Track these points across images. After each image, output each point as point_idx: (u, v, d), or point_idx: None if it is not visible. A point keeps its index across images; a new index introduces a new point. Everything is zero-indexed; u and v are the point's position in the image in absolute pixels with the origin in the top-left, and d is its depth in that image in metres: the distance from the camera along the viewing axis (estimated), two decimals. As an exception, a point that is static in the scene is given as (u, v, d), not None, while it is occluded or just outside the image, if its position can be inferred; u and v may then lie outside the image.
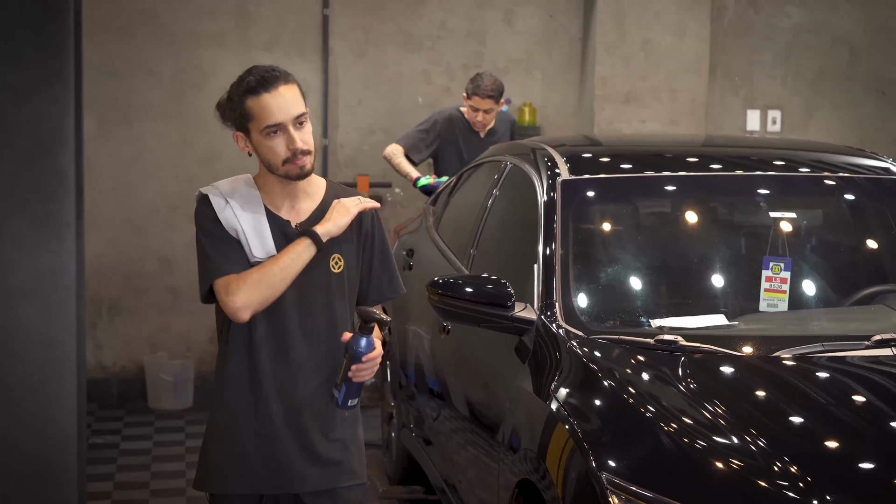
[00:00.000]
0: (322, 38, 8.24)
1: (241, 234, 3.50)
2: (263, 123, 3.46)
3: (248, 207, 3.54)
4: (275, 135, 3.47)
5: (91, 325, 8.05)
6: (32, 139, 4.51)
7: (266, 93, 3.46)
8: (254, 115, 3.48)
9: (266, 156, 3.51)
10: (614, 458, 3.50)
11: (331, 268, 3.59)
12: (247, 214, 3.53)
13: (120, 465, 6.82)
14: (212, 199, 3.55)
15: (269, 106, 3.46)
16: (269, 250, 3.51)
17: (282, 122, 3.45)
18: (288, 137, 3.46)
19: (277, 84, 3.48)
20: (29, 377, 4.54)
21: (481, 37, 8.48)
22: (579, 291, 4.37)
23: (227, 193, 3.56)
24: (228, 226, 3.51)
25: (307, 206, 3.61)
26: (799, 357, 3.97)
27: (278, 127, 3.46)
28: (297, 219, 3.59)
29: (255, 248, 3.50)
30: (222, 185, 3.61)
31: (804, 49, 8.90)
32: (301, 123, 3.49)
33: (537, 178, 4.86)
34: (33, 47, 4.48)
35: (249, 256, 3.51)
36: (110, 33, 7.93)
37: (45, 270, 4.55)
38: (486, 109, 7.38)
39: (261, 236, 3.51)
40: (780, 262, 4.41)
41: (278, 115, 3.45)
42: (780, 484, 3.28)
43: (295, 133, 3.46)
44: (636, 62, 8.31)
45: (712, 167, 5.07)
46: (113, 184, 8.02)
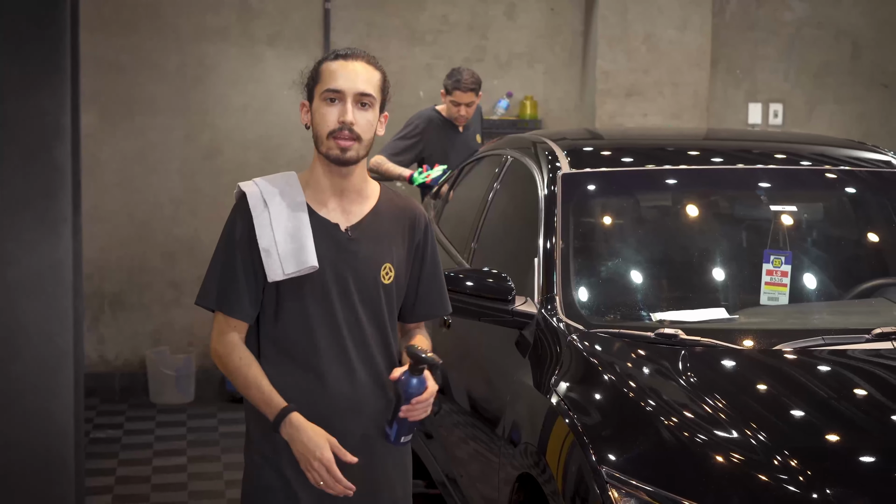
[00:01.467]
0: (324, 32, 8.24)
1: (272, 246, 3.24)
2: (325, 86, 3.26)
3: (288, 211, 3.28)
4: (332, 102, 3.26)
5: (93, 320, 8.07)
6: (30, 134, 4.50)
7: (342, 59, 3.28)
8: (321, 76, 3.29)
9: (317, 125, 3.29)
10: (614, 452, 3.50)
11: (381, 278, 3.36)
12: (285, 221, 3.26)
13: (121, 459, 6.83)
14: (249, 199, 3.30)
15: (338, 71, 3.26)
16: (306, 261, 3.23)
17: (343, 89, 3.24)
18: (342, 108, 3.24)
19: (358, 58, 3.29)
20: (27, 372, 4.54)
21: (483, 31, 8.48)
22: (580, 285, 4.37)
23: (266, 193, 3.30)
24: (261, 234, 3.24)
25: (359, 209, 3.36)
26: (800, 350, 3.96)
27: (337, 94, 3.25)
28: (348, 222, 3.34)
29: (288, 262, 3.23)
30: (263, 183, 3.34)
31: (807, 43, 8.89)
32: (364, 105, 3.26)
33: (538, 171, 4.85)
34: (30, 42, 4.47)
35: (277, 273, 3.24)
36: (113, 28, 7.94)
37: (43, 266, 4.54)
38: (467, 103, 7.38)
39: (298, 245, 3.24)
40: (781, 256, 4.40)
41: (342, 82, 3.25)
42: (781, 478, 3.28)
43: (352, 107, 3.24)
44: (638, 56, 8.31)
45: (713, 160, 5.06)
46: (116, 178, 8.03)
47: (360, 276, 3.31)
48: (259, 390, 3.25)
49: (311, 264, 3.24)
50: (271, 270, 3.24)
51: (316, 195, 3.33)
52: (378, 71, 3.31)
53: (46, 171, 4.51)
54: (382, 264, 3.35)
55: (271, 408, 3.24)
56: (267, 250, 3.24)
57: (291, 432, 3.22)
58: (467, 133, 7.58)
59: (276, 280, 3.25)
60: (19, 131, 4.48)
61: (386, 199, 3.41)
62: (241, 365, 3.27)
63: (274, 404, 3.24)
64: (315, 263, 3.24)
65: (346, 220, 3.33)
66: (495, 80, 8.50)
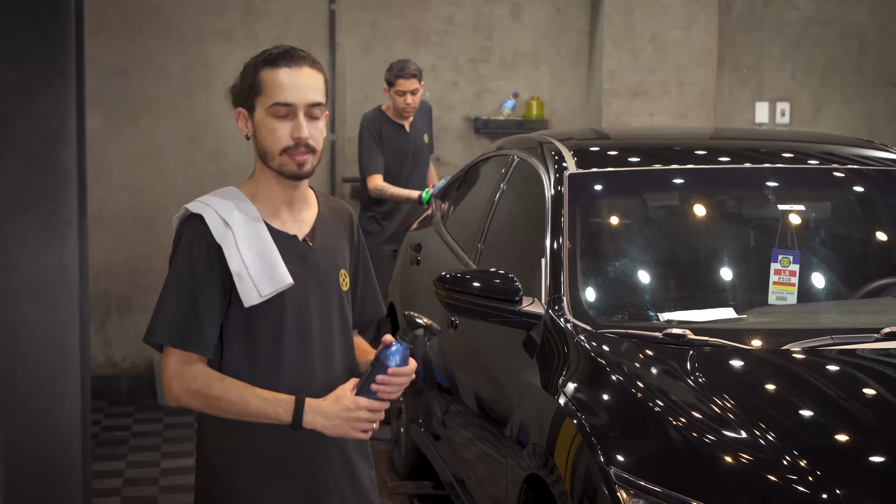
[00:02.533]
0: (329, 33, 8.24)
1: (243, 269, 3.00)
2: (272, 99, 2.99)
3: (249, 231, 3.03)
4: (282, 117, 3.00)
5: (100, 322, 8.07)
6: (35, 137, 4.49)
7: (286, 67, 3.00)
8: (264, 87, 3.00)
9: (264, 140, 3.03)
10: (623, 452, 3.49)
11: (341, 285, 3.19)
12: (250, 242, 3.02)
13: (129, 461, 6.83)
14: (209, 222, 3.02)
15: (284, 82, 2.99)
16: (282, 279, 3.01)
17: (294, 103, 2.99)
18: (295, 124, 2.99)
19: (302, 64, 3.02)
20: (33, 376, 4.53)
21: (489, 31, 8.47)
22: (587, 285, 4.36)
23: (224, 214, 3.04)
24: (231, 258, 3.00)
25: (308, 217, 3.16)
26: (808, 350, 3.95)
27: (288, 108, 2.99)
28: (302, 231, 3.13)
29: (263, 284, 3.00)
30: (215, 202, 3.07)
31: (813, 41, 8.87)
32: (315, 118, 3.02)
33: (545, 171, 4.84)
34: (35, 45, 4.47)
35: (253, 297, 3.00)
36: (118, 31, 7.94)
37: (49, 269, 4.53)
38: (412, 91, 7.30)
39: (269, 264, 3.01)
40: (789, 255, 4.39)
41: (291, 95, 2.98)
42: (790, 478, 3.27)
43: (304, 122, 2.99)
44: (644, 56, 8.30)
45: (720, 160, 5.05)
46: (122, 181, 8.03)
47: (324, 285, 3.11)
48: (261, 398, 2.99)
49: (287, 282, 3.03)
50: (246, 295, 3.00)
51: (267, 208, 3.09)
52: (322, 72, 3.07)
53: (52, 175, 4.50)
54: (339, 270, 3.18)
55: (284, 406, 2.99)
56: (239, 274, 2.99)
57: (315, 417, 2.99)
58: (414, 132, 7.50)
59: (253, 304, 3.01)
60: (24, 135, 4.47)
61: (323, 203, 3.23)
62: (228, 386, 3.00)
63: (284, 401, 2.99)
64: (290, 280, 3.03)
65: (301, 229, 3.13)
66: (501, 80, 8.49)
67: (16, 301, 4.48)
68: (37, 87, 4.48)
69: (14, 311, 4.48)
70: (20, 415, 4.50)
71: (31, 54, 4.45)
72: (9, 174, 4.43)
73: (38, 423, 4.55)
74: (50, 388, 4.55)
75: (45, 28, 4.48)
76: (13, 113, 4.45)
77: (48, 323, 4.54)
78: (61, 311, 4.55)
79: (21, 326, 4.50)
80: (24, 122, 4.47)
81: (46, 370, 4.54)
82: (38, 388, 4.54)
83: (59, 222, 4.53)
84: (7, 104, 4.44)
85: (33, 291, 4.52)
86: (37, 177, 4.49)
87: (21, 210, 4.48)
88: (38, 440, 4.56)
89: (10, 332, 4.46)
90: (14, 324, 4.48)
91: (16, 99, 4.46)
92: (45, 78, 4.49)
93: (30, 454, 4.55)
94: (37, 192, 4.50)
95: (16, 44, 4.44)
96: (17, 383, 4.48)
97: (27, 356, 4.52)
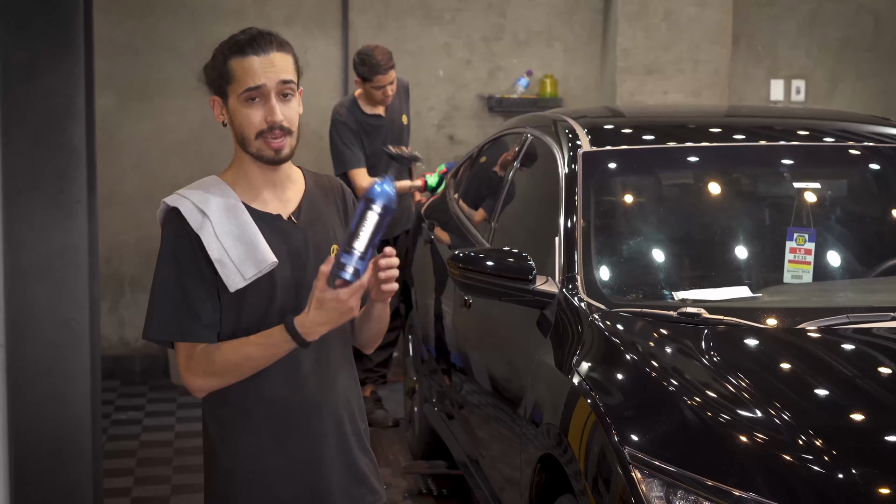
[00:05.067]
0: (342, 11, 8.21)
1: (224, 255, 3.00)
2: (243, 86, 3.00)
3: (228, 217, 3.03)
4: (253, 102, 3.01)
5: (113, 302, 8.07)
6: (44, 115, 4.47)
7: (254, 55, 3.00)
8: (235, 76, 3.01)
9: (240, 126, 3.05)
10: (637, 432, 3.47)
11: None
12: (229, 227, 3.02)
13: (143, 441, 6.84)
14: (185, 214, 3.03)
15: (254, 67, 2.99)
16: (264, 259, 3.01)
17: (262, 84, 2.99)
18: (268, 107, 3.00)
19: (269, 49, 3.02)
20: (42, 356, 4.52)
21: (502, 9, 8.43)
22: (601, 264, 4.33)
23: (201, 203, 3.04)
24: (210, 246, 3.00)
25: (294, 195, 3.15)
26: (824, 329, 3.92)
27: (259, 91, 3.00)
28: (288, 210, 3.12)
29: (246, 267, 3.00)
30: (192, 193, 3.08)
31: (828, 18, 8.81)
32: (286, 96, 3.03)
33: (558, 150, 4.82)
34: (43, 22, 4.44)
35: (237, 281, 3.01)
36: (129, 10, 7.92)
37: (57, 248, 4.51)
38: (390, 82, 6.98)
39: (252, 248, 3.01)
40: (805, 233, 4.36)
41: (260, 77, 2.99)
42: (805, 457, 3.24)
43: (277, 104, 3.00)
44: (658, 33, 8.25)
45: (735, 138, 5.02)
46: (133, 161, 8.02)
47: (316, 262, 3.01)
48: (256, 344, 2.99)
49: (270, 261, 3.02)
50: (230, 280, 3.01)
51: (248, 192, 3.10)
52: (291, 53, 3.07)
53: (60, 153, 4.48)
54: (331, 246, 3.12)
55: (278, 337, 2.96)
56: (220, 261, 3.00)
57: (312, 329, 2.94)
58: (391, 115, 7.15)
59: (238, 288, 3.01)
60: (32, 113, 4.45)
61: (311, 180, 3.21)
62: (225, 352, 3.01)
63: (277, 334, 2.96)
64: (273, 259, 3.02)
65: (285, 208, 3.12)
66: (514, 58, 8.46)
67: (24, 281, 4.46)
68: (45, 65, 4.46)
69: (22, 291, 4.46)
70: (29, 395, 4.49)
71: (39, 31, 4.43)
72: (17, 152, 4.41)
73: (48, 403, 4.54)
74: (59, 368, 4.54)
75: (53, 5, 4.46)
76: (21, 91, 4.43)
77: (57, 303, 4.52)
78: (70, 291, 4.53)
79: (29, 306, 4.49)
80: (32, 99, 4.45)
81: (55, 350, 4.53)
82: (47, 369, 4.52)
83: (67, 201, 4.51)
84: (15, 82, 4.41)
85: (42, 271, 4.50)
86: (45, 155, 4.47)
87: (29, 189, 4.46)
88: (48, 421, 4.55)
89: (19, 313, 4.44)
90: (22, 304, 4.46)
91: (24, 76, 4.44)
92: (53, 55, 4.46)
93: (39, 435, 4.54)
94: (45, 171, 4.48)
95: (24, 21, 4.42)
96: (25, 364, 4.47)
97: (36, 336, 4.50)
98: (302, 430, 3.11)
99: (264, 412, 3.09)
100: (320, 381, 3.12)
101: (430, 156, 8.39)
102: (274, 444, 3.10)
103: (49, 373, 4.53)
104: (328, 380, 3.14)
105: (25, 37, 4.42)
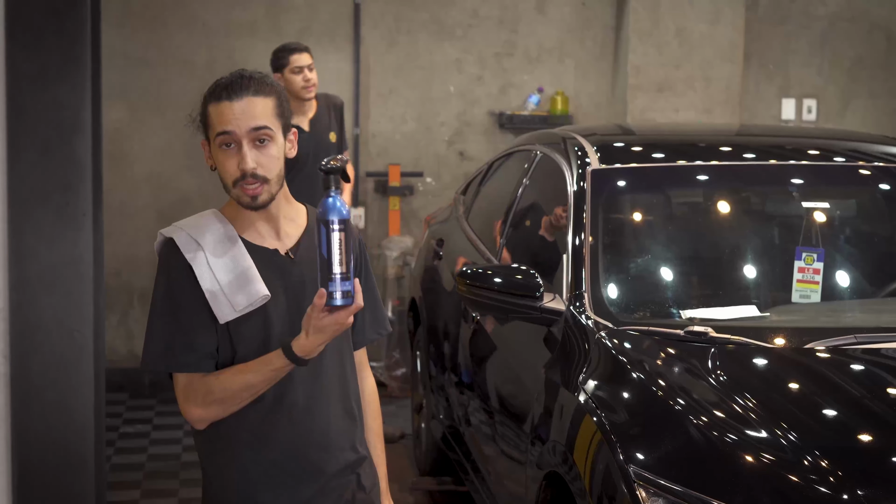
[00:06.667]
0: (354, 26, 8.23)
1: (216, 286, 2.97)
2: (215, 131, 2.98)
3: (223, 249, 3.01)
4: (227, 148, 2.97)
5: (122, 315, 8.08)
6: (51, 128, 4.48)
7: (227, 100, 2.97)
8: (211, 121, 2.99)
9: (220, 172, 3.02)
10: (642, 451, 3.46)
11: None
12: (223, 259, 3.00)
13: (150, 454, 6.83)
14: (179, 244, 3.01)
15: (224, 113, 2.95)
16: (257, 292, 2.97)
17: (232, 131, 2.95)
18: (241, 156, 2.95)
19: (244, 93, 2.97)
20: (47, 367, 4.52)
21: (514, 25, 8.44)
22: (609, 282, 4.33)
23: (195, 234, 3.02)
24: (202, 276, 2.98)
25: (293, 232, 3.11)
26: (832, 349, 3.91)
27: (230, 137, 2.96)
28: (285, 246, 3.08)
29: (237, 298, 2.97)
30: (187, 224, 3.07)
31: (840, 37, 8.81)
32: (262, 141, 2.96)
33: (567, 167, 4.82)
34: (51, 35, 4.45)
35: (228, 313, 2.97)
36: (142, 22, 7.95)
37: (63, 260, 4.51)
38: (308, 66, 6.76)
39: (244, 281, 2.98)
40: (813, 253, 4.35)
41: (230, 123, 2.94)
42: (812, 478, 3.23)
43: (249, 151, 2.95)
44: (670, 50, 8.26)
45: (745, 157, 5.01)
46: (145, 173, 8.04)
47: (310, 301, 2.92)
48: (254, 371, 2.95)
49: (262, 294, 2.98)
50: (221, 312, 2.98)
51: (246, 227, 3.06)
52: (270, 96, 3.00)
53: (67, 165, 4.49)
54: None
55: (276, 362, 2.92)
56: (212, 292, 2.97)
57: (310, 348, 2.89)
58: (316, 129, 6.87)
59: (228, 320, 2.98)
60: (40, 125, 4.46)
61: (314, 217, 3.04)
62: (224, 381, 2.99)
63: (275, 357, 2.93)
64: (266, 292, 2.98)
65: (283, 244, 3.07)
66: (526, 74, 8.46)
67: (30, 292, 4.47)
68: (52, 77, 4.47)
69: (28, 302, 4.47)
70: (33, 406, 4.50)
71: (48, 44, 4.44)
72: (24, 164, 4.42)
73: (51, 414, 4.54)
74: (63, 379, 4.54)
75: (61, 17, 4.47)
76: (29, 103, 4.44)
77: (62, 314, 4.53)
78: (75, 303, 4.54)
79: (35, 317, 4.49)
80: (39, 111, 4.46)
81: (60, 361, 4.54)
82: (52, 380, 4.53)
83: (73, 213, 4.52)
84: (23, 94, 4.42)
85: (47, 283, 4.51)
86: (52, 167, 4.48)
87: (36, 200, 4.47)
88: (52, 431, 4.55)
89: (24, 324, 4.45)
90: (27, 315, 4.47)
91: (31, 89, 4.45)
92: (60, 68, 4.47)
93: (43, 446, 4.54)
94: (52, 183, 4.49)
95: (32, 33, 4.43)
96: (30, 375, 4.47)
97: (41, 347, 4.51)
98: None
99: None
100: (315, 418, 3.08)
101: (441, 171, 8.40)
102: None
103: (53, 384, 4.53)
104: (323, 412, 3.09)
105: (33, 50, 4.43)
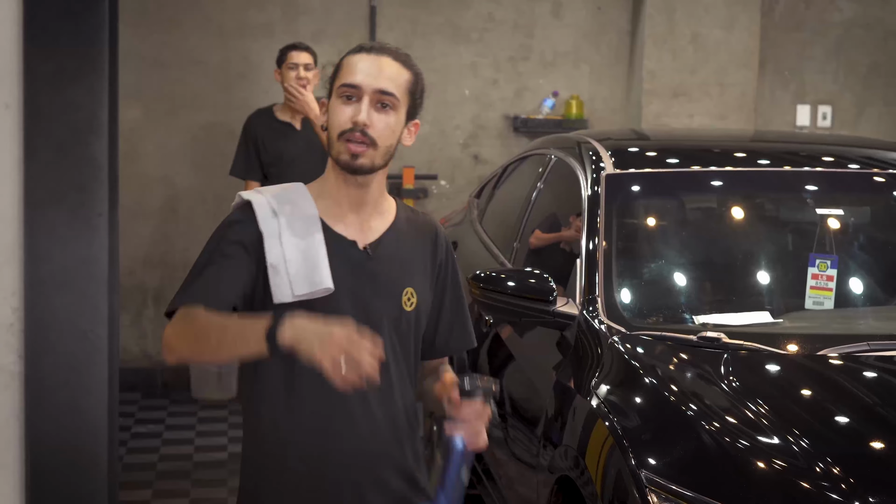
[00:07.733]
0: (369, 29, 8.22)
1: (281, 263, 2.78)
2: (342, 80, 2.84)
3: (299, 224, 2.82)
4: (348, 100, 2.82)
5: (136, 315, 8.09)
6: (67, 128, 4.48)
7: (365, 53, 2.87)
8: (341, 70, 2.87)
9: (329, 123, 2.85)
10: (654, 456, 3.46)
11: (402, 304, 2.90)
12: (296, 235, 2.81)
13: (163, 454, 6.84)
14: (255, 207, 2.83)
15: (357, 64, 2.84)
16: (320, 282, 2.78)
17: (360, 84, 2.81)
18: (357, 107, 2.81)
19: (384, 53, 2.87)
20: (60, 367, 4.53)
21: (529, 29, 8.44)
22: (622, 287, 4.33)
23: (276, 202, 2.84)
24: (269, 247, 2.79)
25: (378, 225, 2.92)
26: (845, 356, 3.91)
27: (354, 90, 2.82)
28: (366, 239, 2.89)
29: (299, 284, 2.77)
30: (270, 192, 2.89)
31: (856, 44, 8.79)
32: (385, 106, 2.83)
33: (582, 171, 4.82)
34: (68, 35, 4.46)
35: (286, 294, 2.77)
36: (157, 23, 7.96)
37: (78, 260, 4.52)
38: (304, 64, 6.73)
39: (311, 264, 2.78)
40: (827, 260, 4.35)
41: (360, 77, 2.82)
42: (823, 485, 3.23)
43: (369, 107, 2.82)
44: (685, 56, 8.25)
45: (759, 163, 5.01)
46: (160, 174, 8.05)
47: (381, 300, 2.83)
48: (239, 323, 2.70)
49: (325, 286, 2.78)
50: (279, 291, 2.78)
51: (329, 208, 2.88)
52: (408, 70, 2.90)
53: (82, 166, 4.49)
54: (404, 288, 2.90)
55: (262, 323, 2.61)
56: (275, 267, 2.78)
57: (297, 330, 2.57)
58: (308, 130, 6.71)
59: (284, 302, 2.77)
60: (56, 126, 4.47)
61: (404, 216, 2.98)
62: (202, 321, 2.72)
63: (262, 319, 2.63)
64: (330, 285, 2.79)
65: (364, 237, 2.88)
66: (541, 79, 8.46)
67: (44, 292, 4.48)
68: (69, 78, 4.47)
69: (42, 303, 4.48)
70: (46, 406, 4.50)
71: (64, 44, 4.45)
72: (40, 165, 4.43)
73: (65, 414, 4.55)
74: (77, 379, 4.55)
75: (78, 18, 4.48)
76: (45, 103, 4.45)
77: (76, 315, 4.53)
78: (90, 303, 4.55)
79: (49, 318, 4.50)
80: (55, 112, 4.47)
81: (73, 362, 4.54)
82: (65, 380, 4.53)
83: (89, 214, 4.52)
84: (39, 94, 4.43)
85: (62, 283, 4.51)
86: (67, 168, 4.48)
87: (51, 201, 4.48)
88: (64, 431, 4.56)
89: (38, 324, 4.46)
90: (42, 315, 4.47)
91: (48, 89, 4.46)
92: (77, 68, 4.48)
93: (55, 445, 4.55)
94: (67, 184, 4.50)
95: (49, 34, 4.44)
96: (43, 374, 4.48)
97: (55, 348, 4.52)
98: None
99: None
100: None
101: (455, 174, 8.40)
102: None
103: (67, 384, 4.54)
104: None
105: (50, 50, 4.44)
